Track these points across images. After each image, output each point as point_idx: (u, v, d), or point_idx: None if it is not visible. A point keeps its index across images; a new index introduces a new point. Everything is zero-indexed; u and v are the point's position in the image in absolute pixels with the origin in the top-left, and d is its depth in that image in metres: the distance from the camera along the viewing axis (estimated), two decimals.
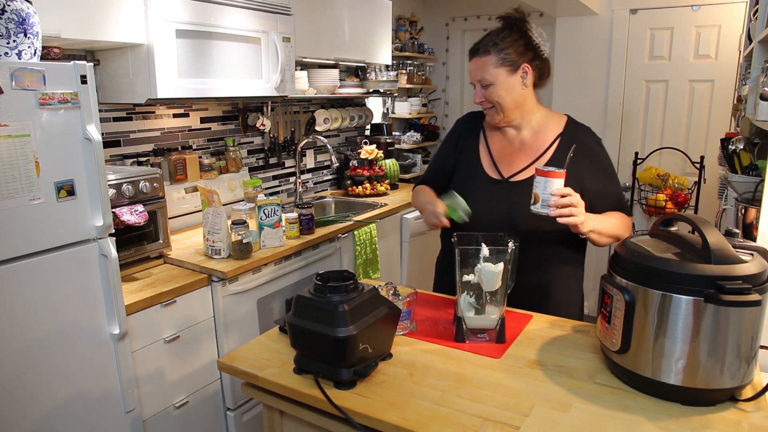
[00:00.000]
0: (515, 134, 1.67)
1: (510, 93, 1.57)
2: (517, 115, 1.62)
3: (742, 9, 3.32)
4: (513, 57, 1.55)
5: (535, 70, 1.58)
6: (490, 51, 1.56)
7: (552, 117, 1.66)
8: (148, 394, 1.94)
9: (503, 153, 1.68)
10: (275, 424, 1.35)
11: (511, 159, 1.66)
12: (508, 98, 1.57)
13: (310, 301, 1.21)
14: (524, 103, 1.61)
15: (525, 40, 1.58)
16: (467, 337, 1.41)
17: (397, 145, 4.14)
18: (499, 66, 1.55)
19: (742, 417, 1.07)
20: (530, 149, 1.64)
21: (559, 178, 1.38)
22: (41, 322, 1.56)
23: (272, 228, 2.33)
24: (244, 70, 2.44)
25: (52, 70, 1.51)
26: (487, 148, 1.70)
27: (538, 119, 1.65)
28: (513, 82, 1.57)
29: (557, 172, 1.38)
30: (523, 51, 1.57)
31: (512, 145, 1.67)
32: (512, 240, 1.39)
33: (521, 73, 1.57)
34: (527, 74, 1.57)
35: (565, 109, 3.91)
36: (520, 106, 1.60)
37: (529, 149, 1.64)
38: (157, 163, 2.53)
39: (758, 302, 1.02)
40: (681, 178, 3.64)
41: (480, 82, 1.59)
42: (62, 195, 1.57)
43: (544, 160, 1.61)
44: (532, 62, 1.58)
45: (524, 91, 1.59)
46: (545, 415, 1.08)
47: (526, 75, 1.57)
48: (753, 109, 1.79)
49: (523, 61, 1.56)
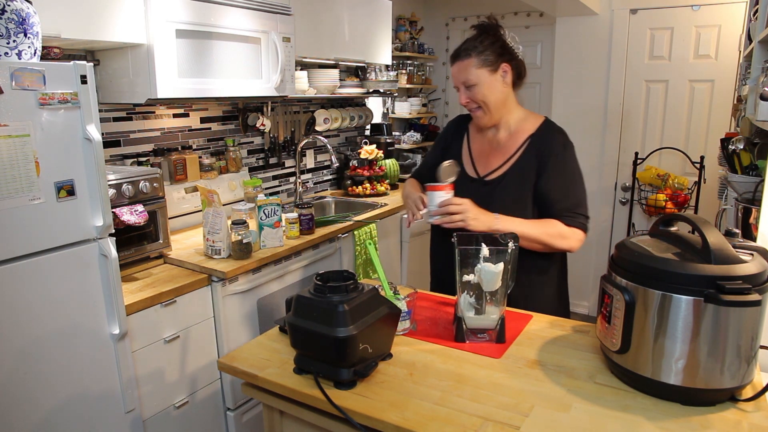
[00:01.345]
0: (493, 135, 1.76)
1: (493, 91, 1.66)
2: (500, 115, 1.71)
3: (742, 9, 3.32)
4: (492, 58, 1.64)
5: (513, 69, 1.67)
6: (471, 54, 1.65)
7: (529, 118, 1.73)
8: (148, 394, 1.94)
9: (482, 153, 1.77)
10: (275, 424, 1.35)
11: (488, 159, 1.75)
12: (491, 96, 1.67)
13: (310, 301, 1.21)
14: (506, 101, 1.70)
15: (500, 42, 1.67)
16: (467, 337, 1.41)
17: (397, 145, 4.14)
18: (480, 67, 1.64)
19: (742, 417, 1.07)
20: (504, 149, 1.72)
21: (440, 191, 1.59)
22: (41, 322, 1.56)
23: (272, 228, 2.33)
24: (244, 70, 2.44)
25: (52, 70, 1.51)
26: (468, 148, 1.81)
27: (515, 119, 1.73)
28: (495, 81, 1.66)
29: (438, 186, 1.59)
30: (501, 52, 1.66)
31: (490, 145, 1.76)
32: (512, 240, 1.39)
33: (501, 72, 1.66)
34: (507, 73, 1.67)
35: (565, 109, 3.96)
36: (503, 105, 1.69)
37: (503, 149, 1.72)
38: (157, 163, 2.53)
39: (758, 302, 1.02)
40: (681, 178, 3.64)
41: (464, 83, 1.68)
42: (62, 195, 1.57)
43: (514, 159, 1.69)
44: (511, 62, 1.67)
45: (505, 89, 1.68)
46: (545, 415, 1.08)
47: (506, 74, 1.67)
48: (753, 109, 1.79)
49: (501, 61, 1.65)
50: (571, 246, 1.63)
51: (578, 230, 1.63)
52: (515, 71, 1.68)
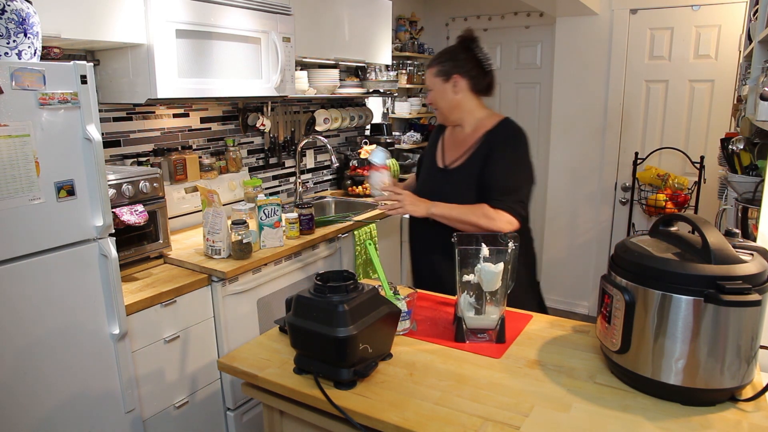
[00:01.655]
0: (460, 132, 1.96)
1: (443, 98, 1.91)
2: (455, 116, 1.93)
3: (742, 9, 3.32)
4: (446, 69, 1.88)
5: (468, 80, 1.87)
6: (433, 64, 1.92)
7: (490, 118, 1.91)
8: (148, 394, 1.94)
9: (450, 146, 1.98)
10: (275, 424, 1.35)
11: (453, 151, 1.95)
12: (441, 102, 1.92)
13: (310, 301, 1.21)
14: (458, 106, 1.90)
15: (467, 55, 1.88)
16: (467, 337, 1.41)
17: (397, 145, 4.14)
18: (435, 76, 1.91)
19: (742, 417, 1.07)
20: (465, 143, 1.92)
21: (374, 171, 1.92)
22: (41, 322, 1.56)
23: (272, 228, 2.33)
24: (244, 70, 2.44)
25: (52, 70, 1.51)
26: (442, 142, 2.02)
27: (477, 119, 1.92)
28: (445, 90, 1.90)
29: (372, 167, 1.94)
30: (461, 65, 1.87)
31: (457, 140, 1.96)
32: (512, 240, 1.40)
33: (453, 83, 1.88)
34: (458, 83, 1.87)
35: (565, 108, 3.96)
36: (455, 108, 1.91)
37: (464, 143, 1.92)
38: (157, 163, 2.53)
39: (758, 302, 1.02)
40: (681, 178, 3.64)
41: (427, 87, 1.97)
42: (62, 195, 1.57)
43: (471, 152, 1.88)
44: (468, 74, 1.87)
45: (456, 96, 1.89)
46: (545, 415, 1.08)
47: (456, 84, 1.87)
48: (753, 109, 1.79)
49: (454, 72, 1.87)
50: (499, 227, 1.77)
51: (504, 212, 1.78)
52: (471, 82, 1.88)
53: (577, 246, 4.09)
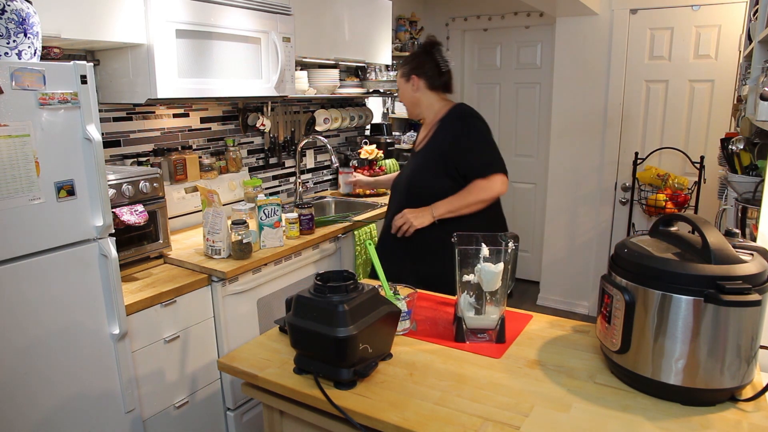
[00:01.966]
0: (427, 121, 2.26)
1: (405, 96, 2.25)
2: (417, 111, 2.26)
3: (742, 9, 3.32)
4: (406, 71, 2.20)
5: (425, 80, 2.17)
6: (399, 66, 2.26)
7: (445, 107, 2.19)
8: (148, 394, 1.94)
9: (420, 135, 2.31)
10: (275, 424, 1.35)
11: (421, 137, 2.28)
12: (404, 99, 2.26)
13: (310, 301, 1.21)
14: (418, 102, 2.22)
15: (426, 58, 2.17)
16: (467, 337, 1.41)
17: (397, 145, 4.13)
18: (400, 77, 2.24)
19: (742, 417, 1.07)
20: (427, 129, 2.24)
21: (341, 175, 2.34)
22: (41, 322, 1.56)
23: (272, 228, 2.33)
24: (244, 70, 2.44)
25: (52, 70, 1.51)
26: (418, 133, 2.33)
27: (435, 110, 2.21)
28: (407, 89, 2.23)
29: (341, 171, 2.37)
30: (419, 67, 2.17)
31: (424, 129, 2.28)
32: (512, 240, 1.40)
33: (412, 83, 2.20)
34: (416, 83, 2.19)
35: (565, 108, 3.96)
36: (416, 104, 2.23)
37: (427, 129, 2.24)
38: (157, 163, 2.53)
39: (758, 302, 1.02)
40: (681, 178, 3.64)
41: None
42: (62, 195, 1.57)
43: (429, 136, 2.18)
44: (425, 74, 2.16)
45: (416, 94, 2.21)
46: (545, 415, 1.08)
47: (414, 83, 2.19)
48: (753, 109, 1.79)
49: (413, 73, 2.18)
50: (497, 190, 2.02)
51: (494, 176, 2.01)
52: (428, 81, 2.17)
53: (577, 246, 4.09)
